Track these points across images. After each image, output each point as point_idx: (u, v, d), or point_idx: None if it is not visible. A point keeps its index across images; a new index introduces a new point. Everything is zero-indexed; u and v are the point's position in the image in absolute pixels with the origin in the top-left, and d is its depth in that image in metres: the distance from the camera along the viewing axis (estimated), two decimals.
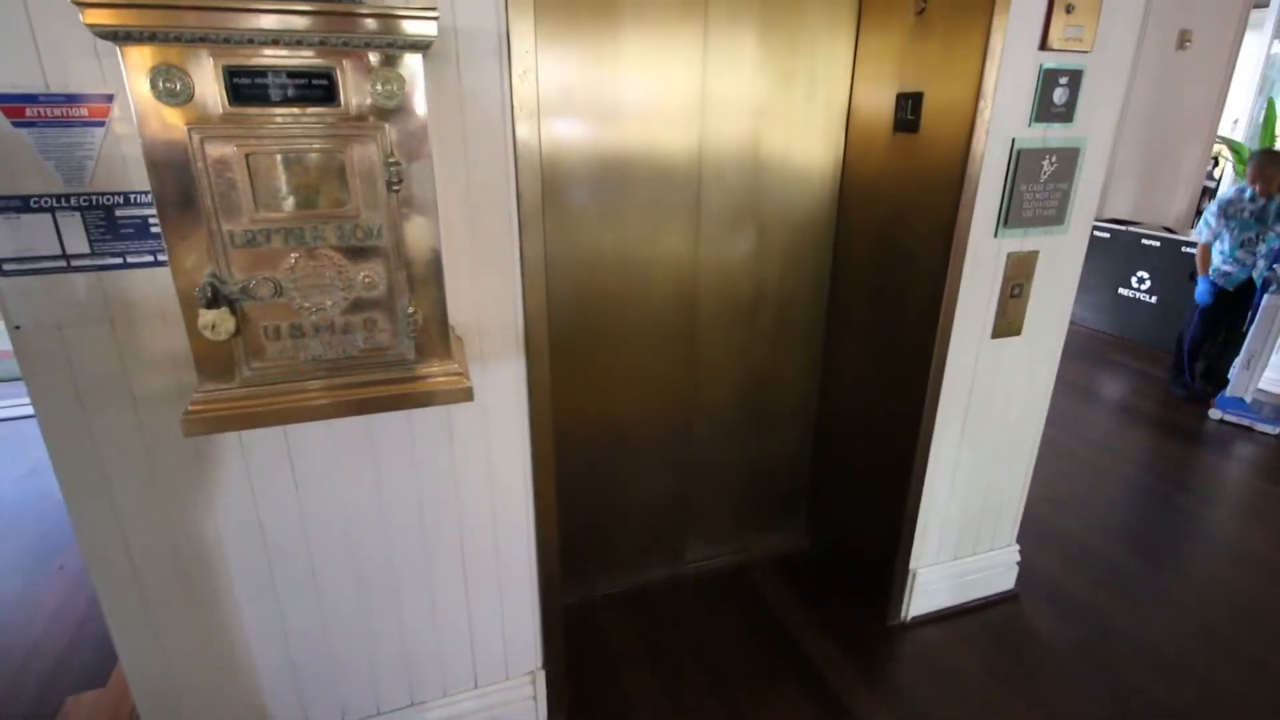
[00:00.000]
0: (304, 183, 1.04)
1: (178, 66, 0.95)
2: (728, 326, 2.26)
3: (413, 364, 1.14)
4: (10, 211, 1.12)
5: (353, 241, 1.07)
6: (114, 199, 1.16)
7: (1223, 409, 3.92)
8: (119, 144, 1.15)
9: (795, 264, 2.27)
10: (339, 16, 0.98)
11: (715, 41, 1.92)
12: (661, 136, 1.95)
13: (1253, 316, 3.78)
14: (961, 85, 1.72)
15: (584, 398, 2.14)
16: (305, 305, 1.07)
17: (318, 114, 1.02)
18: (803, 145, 2.13)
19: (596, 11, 1.76)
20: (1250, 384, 3.84)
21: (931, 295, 1.88)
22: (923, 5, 1.81)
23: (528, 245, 1.44)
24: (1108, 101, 1.87)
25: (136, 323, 1.21)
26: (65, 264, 1.16)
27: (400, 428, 1.47)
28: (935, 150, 1.82)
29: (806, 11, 1.99)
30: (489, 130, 1.35)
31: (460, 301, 1.40)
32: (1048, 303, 2.03)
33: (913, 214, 1.93)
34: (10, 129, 1.10)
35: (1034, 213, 1.87)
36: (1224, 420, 3.91)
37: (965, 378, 2.02)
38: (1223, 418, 3.92)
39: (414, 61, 1.05)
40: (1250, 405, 3.86)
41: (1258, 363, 3.79)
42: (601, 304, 2.05)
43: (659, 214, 2.02)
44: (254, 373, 1.07)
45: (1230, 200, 3.89)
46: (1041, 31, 1.70)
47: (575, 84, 1.81)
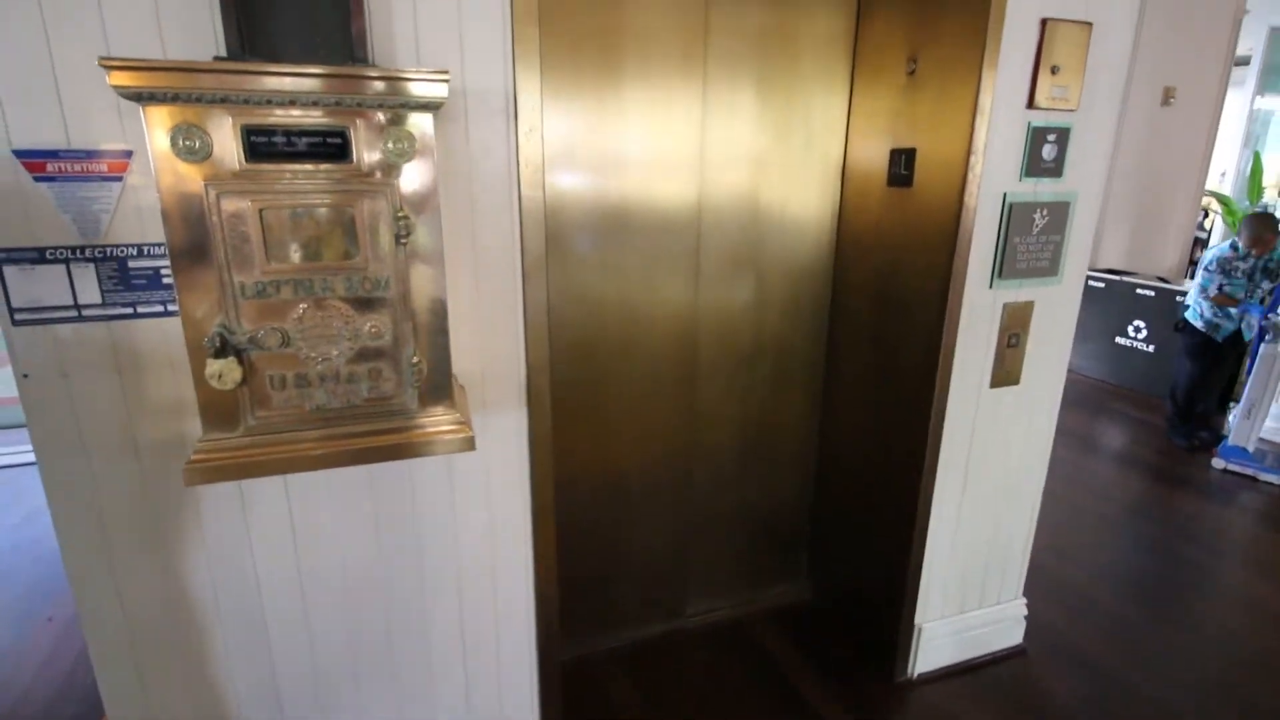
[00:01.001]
0: (314, 236, 1.07)
1: (197, 125, 0.98)
2: (728, 374, 2.28)
3: (415, 413, 1.15)
4: (26, 263, 1.15)
5: (360, 293, 1.09)
6: (128, 250, 1.19)
7: (1226, 458, 3.90)
8: (136, 197, 1.18)
9: (794, 313, 2.29)
10: (355, 79, 1.03)
11: (714, 98, 1.99)
12: (662, 188, 2.00)
13: (1251, 364, 3.80)
14: (953, 142, 1.77)
15: (584, 446, 2.13)
16: (312, 355, 1.08)
17: (330, 170, 1.06)
18: (800, 197, 2.18)
19: (600, 70, 1.83)
20: (1252, 433, 3.83)
21: (929, 345, 1.90)
22: (913, 66, 1.88)
23: (531, 295, 1.46)
24: (1095, 157, 1.92)
25: (144, 372, 1.23)
26: (76, 314, 1.18)
27: (401, 477, 1.47)
28: (929, 204, 1.87)
29: (801, 70, 2.06)
30: (495, 184, 1.39)
31: (464, 350, 1.42)
32: (1045, 352, 2.05)
33: (909, 265, 1.96)
34: (31, 184, 1.14)
35: (1028, 264, 1.91)
36: (1228, 470, 3.89)
37: (965, 427, 2.02)
38: (1226, 467, 3.89)
39: (424, 120, 1.09)
40: (1253, 455, 3.84)
41: (1258, 411, 3.79)
42: (603, 351, 2.07)
43: (660, 263, 2.06)
44: (258, 422, 1.08)
45: (1227, 258, 4.00)
46: (1028, 91, 1.76)
47: (579, 137, 1.86)
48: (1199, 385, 4.22)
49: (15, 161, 1.13)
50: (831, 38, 2.07)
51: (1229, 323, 3.99)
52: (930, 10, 1.81)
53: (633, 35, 1.84)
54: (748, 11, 1.96)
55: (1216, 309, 4.01)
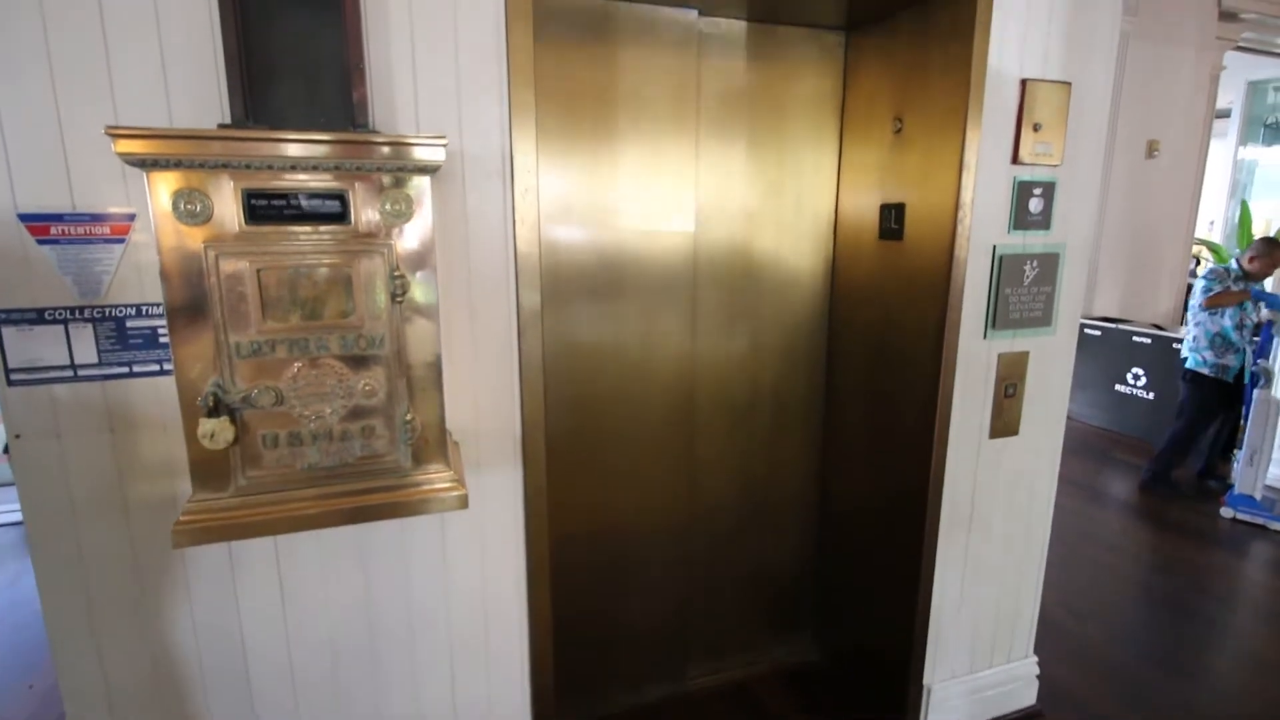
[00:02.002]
0: (311, 295, 1.08)
1: (199, 190, 1.01)
2: (726, 427, 2.27)
3: (408, 471, 1.14)
4: (25, 323, 1.16)
5: (355, 351, 1.10)
6: (126, 311, 1.20)
7: (1234, 507, 3.84)
8: (136, 258, 1.20)
9: (791, 364, 2.30)
10: (355, 145, 1.05)
11: (707, 154, 2.04)
12: (657, 243, 2.03)
13: (1247, 410, 3.78)
14: (941, 196, 1.81)
15: (580, 502, 2.10)
16: (305, 413, 1.08)
17: (329, 231, 1.08)
18: (793, 250, 2.22)
19: (594, 129, 1.89)
20: (1257, 480, 3.79)
21: (926, 396, 1.90)
22: (899, 125, 1.94)
23: (526, 350, 1.47)
24: (1082, 209, 1.96)
25: (136, 432, 1.22)
26: (72, 374, 1.19)
27: (393, 536, 1.45)
28: (920, 256, 1.89)
29: (791, 127, 2.12)
30: (491, 242, 1.41)
31: (458, 406, 1.42)
32: (1043, 402, 2.05)
33: (903, 316, 1.98)
34: (34, 246, 1.16)
35: (1020, 315, 1.92)
36: (1236, 519, 3.83)
37: (966, 479, 2.00)
38: (1235, 516, 3.83)
39: (422, 182, 1.11)
40: (1261, 502, 3.79)
41: (1260, 459, 3.76)
42: (598, 405, 2.06)
43: (656, 316, 2.08)
44: (249, 481, 1.07)
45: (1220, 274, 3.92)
46: (1012, 148, 1.81)
47: (574, 194, 1.90)
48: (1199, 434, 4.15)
49: (20, 225, 1.15)
50: (820, 97, 2.13)
51: (1234, 359, 3.92)
52: (913, 72, 1.88)
53: (626, 96, 1.90)
54: (738, 73, 2.03)
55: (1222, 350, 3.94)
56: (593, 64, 1.85)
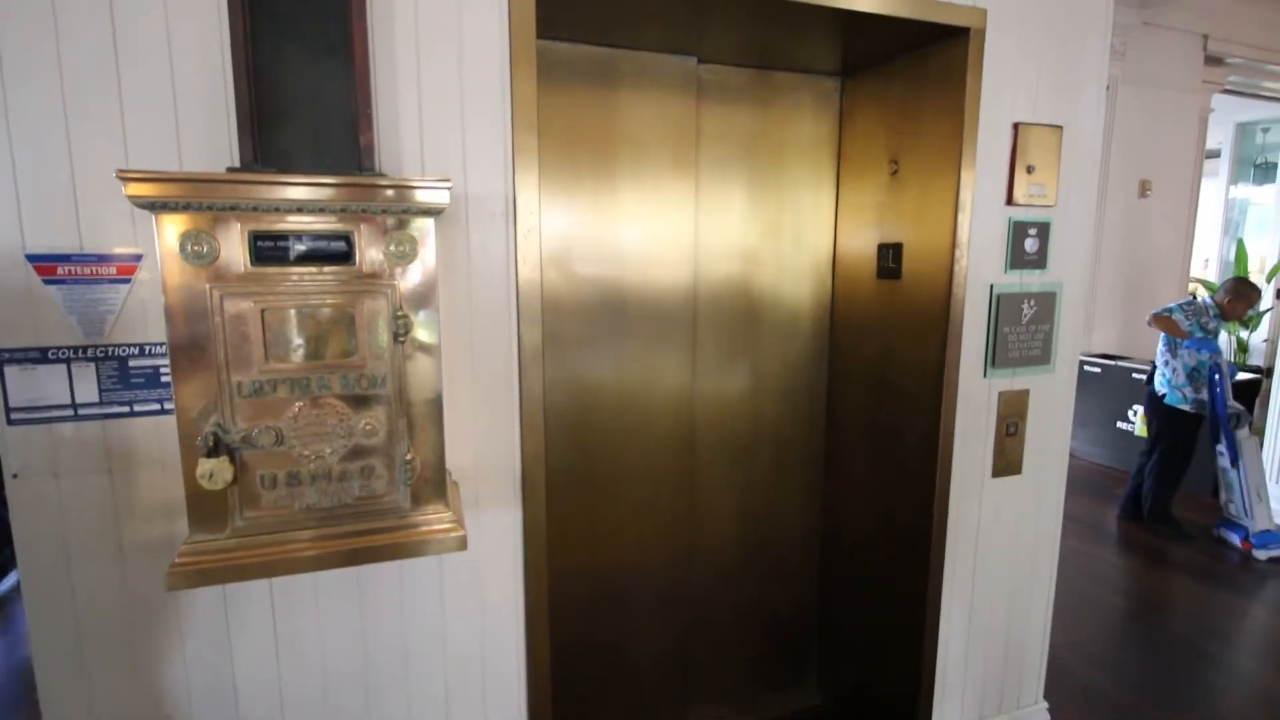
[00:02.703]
0: (314, 335, 1.08)
1: (207, 232, 1.02)
2: (727, 465, 2.25)
3: (407, 512, 1.13)
4: (28, 363, 1.16)
5: (357, 390, 1.10)
6: (129, 350, 1.20)
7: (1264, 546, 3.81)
8: (141, 299, 1.21)
9: (791, 402, 2.30)
10: (361, 188, 1.07)
11: (706, 195, 2.07)
12: (658, 281, 2.05)
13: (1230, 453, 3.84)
14: (937, 236, 1.84)
15: (580, 542, 2.08)
16: (305, 453, 1.08)
17: (333, 272, 1.09)
18: (793, 289, 2.23)
19: (596, 170, 1.92)
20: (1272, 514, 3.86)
21: (928, 434, 1.89)
22: (895, 167, 1.97)
23: (527, 388, 1.47)
24: (1078, 248, 1.98)
25: (135, 471, 1.22)
26: (73, 413, 1.18)
27: (390, 577, 1.43)
28: (919, 295, 1.91)
29: (789, 169, 2.16)
30: (493, 282, 1.43)
31: (459, 446, 1.41)
32: (1045, 440, 2.04)
33: (903, 355, 1.98)
34: (40, 286, 1.17)
35: (1020, 353, 1.93)
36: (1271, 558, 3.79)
37: (970, 519, 1.98)
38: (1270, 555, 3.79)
39: (427, 224, 1.13)
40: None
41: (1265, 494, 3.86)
42: (599, 443, 2.05)
43: (656, 354, 2.08)
44: (246, 522, 1.06)
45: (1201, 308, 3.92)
46: (1006, 189, 1.84)
47: (576, 234, 1.93)
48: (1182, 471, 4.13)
49: (28, 265, 1.16)
50: (817, 140, 2.18)
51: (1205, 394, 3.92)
52: (908, 115, 1.92)
53: (627, 138, 1.94)
54: (736, 116, 2.08)
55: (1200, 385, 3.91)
56: (595, 107, 1.89)
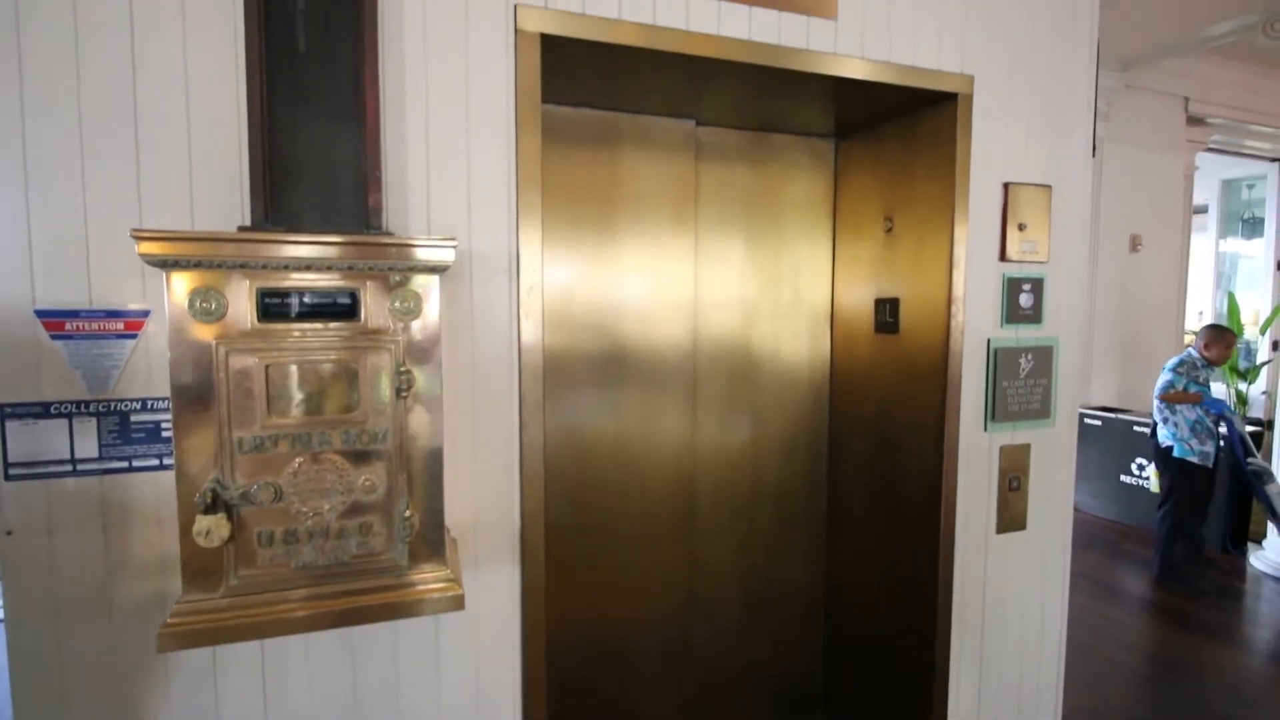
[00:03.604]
0: (317, 390, 1.09)
1: (215, 289, 1.04)
2: (728, 520, 2.23)
3: (404, 570, 1.11)
4: (30, 417, 1.16)
5: (358, 445, 1.10)
6: (132, 405, 1.21)
7: None
8: (147, 354, 1.22)
9: (792, 456, 2.29)
10: (369, 246, 1.10)
11: (705, 251, 2.11)
12: (658, 335, 2.07)
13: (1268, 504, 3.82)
14: (933, 292, 1.86)
15: (579, 600, 2.04)
16: (303, 510, 1.07)
17: (338, 328, 1.10)
18: (792, 343, 2.25)
19: (598, 227, 1.97)
20: None
21: (930, 490, 1.88)
22: (890, 225, 2.02)
23: (528, 442, 1.46)
24: (1072, 303, 2.01)
25: (130, 528, 1.20)
26: (71, 468, 1.18)
27: (385, 636, 1.39)
28: (916, 350, 1.92)
29: (786, 226, 2.21)
30: (496, 337, 1.44)
31: (457, 501, 1.40)
32: (1048, 495, 2.02)
33: (903, 409, 1.99)
34: (47, 341, 1.18)
35: (1019, 407, 1.93)
36: None
37: (976, 576, 1.94)
38: None
39: (431, 280, 1.15)
40: None
41: None
42: (599, 497, 2.04)
43: (656, 407, 2.08)
44: (240, 581, 1.04)
45: (1186, 364, 4.08)
46: (999, 246, 1.88)
47: (578, 290, 1.96)
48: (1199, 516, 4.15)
49: (36, 320, 1.17)
50: (813, 198, 2.23)
51: (1211, 445, 4.00)
52: (901, 175, 1.97)
53: (628, 197, 1.99)
54: (734, 175, 2.14)
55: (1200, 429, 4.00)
56: (597, 167, 1.95)
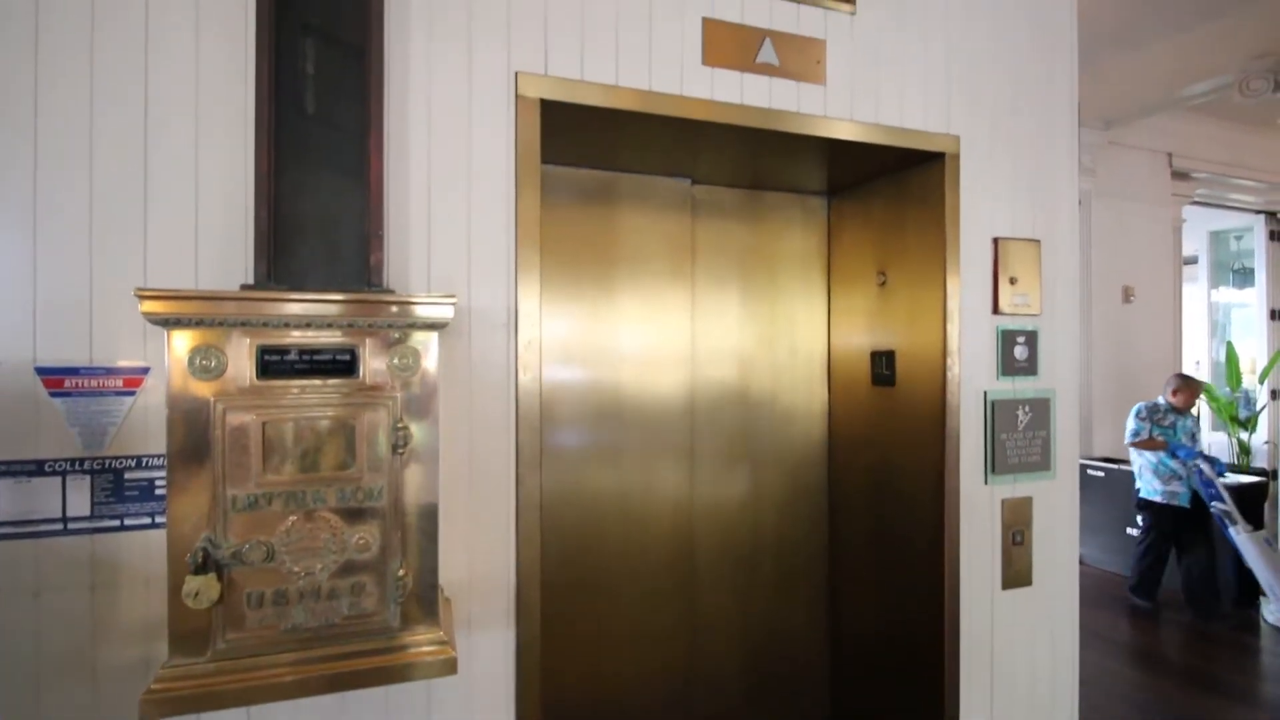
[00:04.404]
0: (313, 447, 1.09)
1: (216, 347, 1.05)
2: (728, 575, 2.19)
3: (396, 632, 1.09)
4: (24, 475, 1.15)
5: (353, 503, 1.09)
6: (126, 462, 1.20)
7: None
8: (145, 411, 1.22)
9: (792, 511, 2.26)
10: (369, 304, 1.11)
11: (702, 305, 2.14)
12: (655, 389, 2.07)
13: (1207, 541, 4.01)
14: (928, 344, 1.88)
15: (575, 660, 1.98)
16: (295, 569, 1.05)
17: (336, 385, 1.11)
18: (789, 396, 2.26)
19: (596, 282, 2.00)
20: None
21: (932, 544, 1.85)
22: (883, 279, 2.05)
23: (524, 499, 1.45)
24: (1067, 355, 2.02)
25: (118, 589, 1.18)
26: (62, 527, 1.17)
27: (375, 701, 1.35)
28: (914, 402, 1.93)
29: (781, 281, 2.24)
30: (493, 392, 1.45)
31: (451, 559, 1.38)
32: (1053, 549, 1.99)
33: (903, 462, 1.98)
34: (46, 398, 1.18)
35: (1019, 459, 1.92)
36: None
37: (983, 634, 1.90)
38: None
39: (430, 337, 1.16)
40: None
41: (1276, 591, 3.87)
42: (596, 555, 2.00)
43: (654, 460, 2.07)
44: (228, 645, 1.02)
45: (1153, 410, 4.30)
46: (992, 300, 1.90)
47: (576, 345, 1.98)
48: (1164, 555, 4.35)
49: (36, 378, 1.18)
50: (807, 253, 2.28)
51: (1180, 485, 4.17)
52: (892, 231, 2.02)
53: (626, 253, 2.03)
54: (729, 231, 2.18)
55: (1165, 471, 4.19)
56: (594, 224, 1.99)
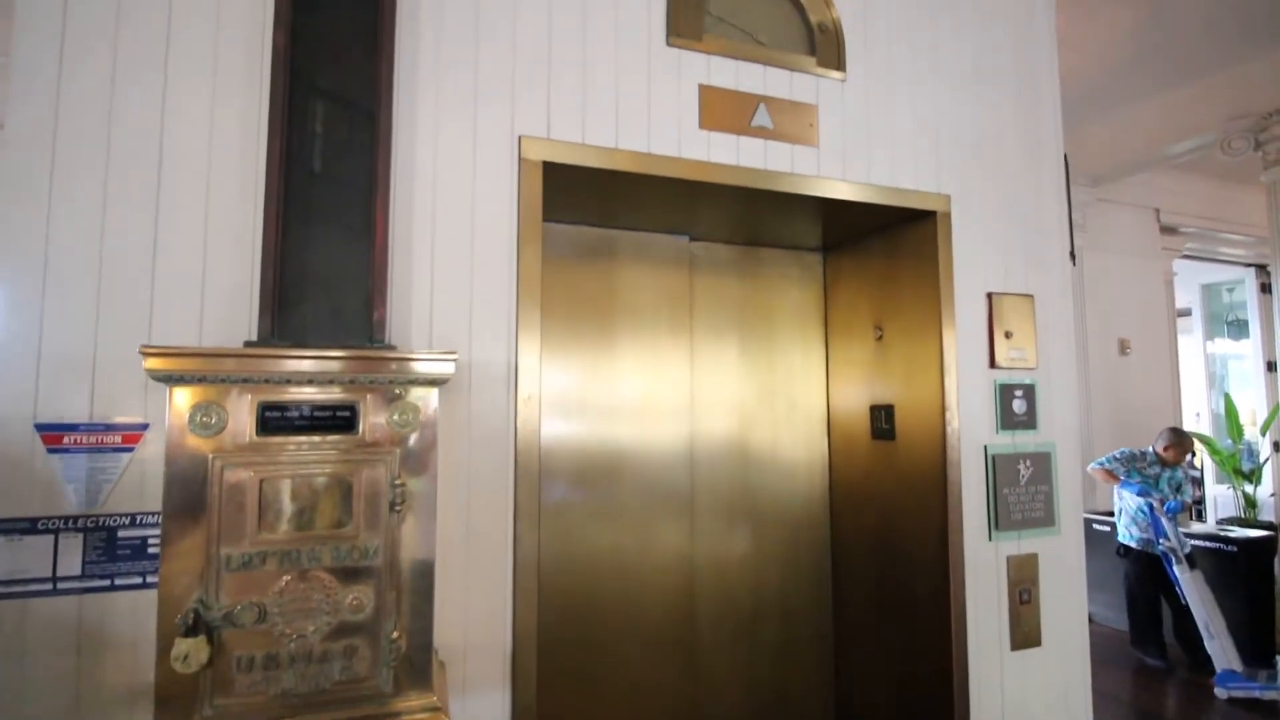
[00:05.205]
0: (309, 505, 1.08)
1: (217, 403, 1.05)
2: (730, 636, 2.13)
3: (389, 698, 1.06)
4: (16, 534, 1.14)
5: (348, 562, 1.08)
6: (120, 520, 1.19)
7: (1224, 686, 3.66)
8: (141, 467, 1.21)
9: (794, 567, 2.22)
10: (371, 360, 1.12)
11: (701, 359, 2.15)
12: (654, 444, 2.06)
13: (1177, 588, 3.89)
14: (927, 399, 1.88)
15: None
16: (287, 631, 1.03)
17: (335, 441, 1.11)
18: (789, 450, 2.25)
19: (595, 337, 2.01)
20: (1228, 652, 3.71)
21: (938, 603, 1.81)
22: (880, 333, 2.07)
23: (522, 557, 1.43)
24: (1066, 408, 2.03)
25: (104, 652, 1.15)
26: (51, 587, 1.14)
27: None
28: (914, 456, 1.92)
29: (779, 335, 2.26)
30: (492, 447, 1.44)
31: (447, 619, 1.35)
32: (1061, 608, 1.95)
33: (905, 518, 1.95)
34: (44, 455, 1.18)
35: (1022, 515, 1.90)
36: (1231, 698, 3.62)
37: (993, 699, 1.84)
38: (1229, 695, 3.64)
39: (430, 394, 1.17)
40: (1244, 674, 3.65)
41: (1217, 630, 3.74)
42: (593, 612, 1.96)
43: (653, 520, 2.05)
44: (215, 711, 0.99)
45: (1134, 456, 4.33)
46: (988, 354, 1.92)
47: (574, 399, 1.98)
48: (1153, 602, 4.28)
49: (35, 435, 1.18)
50: (804, 308, 2.30)
51: None
52: (888, 286, 2.05)
53: (625, 308, 2.05)
54: (727, 287, 2.21)
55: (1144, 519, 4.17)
56: (594, 280, 2.02)
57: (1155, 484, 4.23)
